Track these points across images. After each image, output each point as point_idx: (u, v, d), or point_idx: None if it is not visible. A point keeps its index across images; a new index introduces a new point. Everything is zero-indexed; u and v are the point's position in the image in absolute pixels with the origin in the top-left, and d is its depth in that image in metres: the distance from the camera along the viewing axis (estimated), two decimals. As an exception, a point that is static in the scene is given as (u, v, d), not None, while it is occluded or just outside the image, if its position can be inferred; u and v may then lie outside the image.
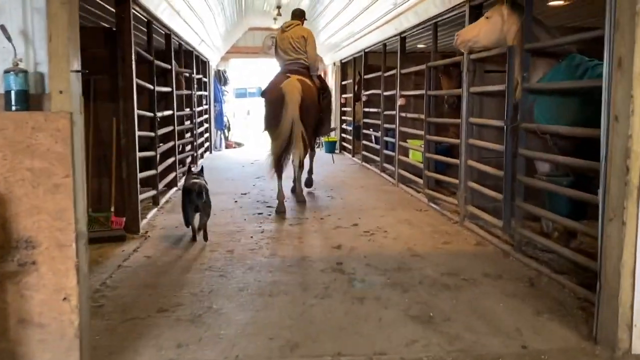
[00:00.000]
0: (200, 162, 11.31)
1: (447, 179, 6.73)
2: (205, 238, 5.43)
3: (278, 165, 6.77)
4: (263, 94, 7.28)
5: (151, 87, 6.55)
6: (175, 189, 8.12)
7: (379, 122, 9.93)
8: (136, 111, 5.57)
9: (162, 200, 7.21)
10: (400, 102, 8.51)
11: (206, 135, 13.03)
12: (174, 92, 8.01)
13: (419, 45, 11.55)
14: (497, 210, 5.39)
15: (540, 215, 4.77)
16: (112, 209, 5.54)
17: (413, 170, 8.16)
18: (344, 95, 13.72)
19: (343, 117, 13.84)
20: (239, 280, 4.31)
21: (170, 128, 7.97)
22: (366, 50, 10.99)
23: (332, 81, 14.86)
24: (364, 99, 11.13)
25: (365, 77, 11.00)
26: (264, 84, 7.56)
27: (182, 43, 9.31)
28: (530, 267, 4.59)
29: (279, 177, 6.84)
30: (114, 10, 5.49)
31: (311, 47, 7.44)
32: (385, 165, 9.62)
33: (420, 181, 7.54)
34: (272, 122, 6.90)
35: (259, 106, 7.47)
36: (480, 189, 5.67)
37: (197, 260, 4.84)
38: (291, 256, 4.97)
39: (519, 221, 4.90)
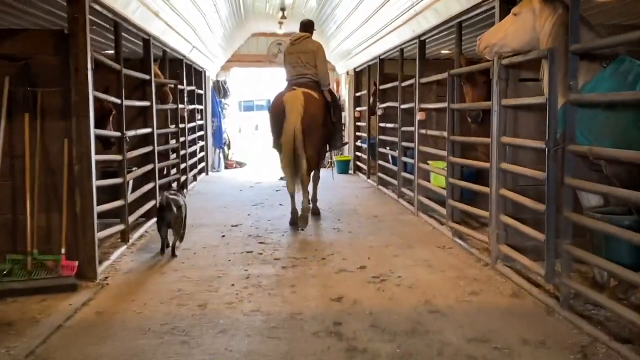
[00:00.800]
0: (191, 185, 10.73)
1: (475, 210, 6.02)
2: (173, 253, 5.82)
3: (292, 181, 7.00)
4: (269, 108, 7.53)
5: (118, 101, 5.97)
6: (154, 219, 7.50)
7: (396, 139, 9.27)
8: (92, 131, 4.97)
9: (134, 236, 6.58)
10: (419, 116, 7.84)
11: (201, 154, 12.46)
12: (154, 106, 7.44)
13: (442, 51, 10.94)
14: (538, 251, 4.70)
15: (593, 263, 4.04)
16: (63, 251, 4.92)
17: (435, 197, 7.46)
18: (358, 108, 13.08)
19: (357, 133, 13.19)
20: (204, 350, 3.64)
21: (149, 148, 7.39)
22: (381, 57, 10.39)
23: (345, 92, 14.31)
24: (379, 112, 10.50)
25: (381, 87, 10.37)
26: (272, 95, 7.66)
27: (167, 50, 8.77)
28: (582, 330, 3.86)
29: (292, 196, 7.27)
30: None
31: (321, 61, 7.52)
32: (404, 190, 8.93)
33: (444, 211, 6.84)
34: (276, 136, 7.14)
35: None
36: (516, 225, 4.97)
37: (159, 318, 4.18)
38: (278, 313, 4.29)
39: (565, 268, 4.18)
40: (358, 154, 13.25)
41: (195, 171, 11.44)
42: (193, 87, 11.29)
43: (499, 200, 5.27)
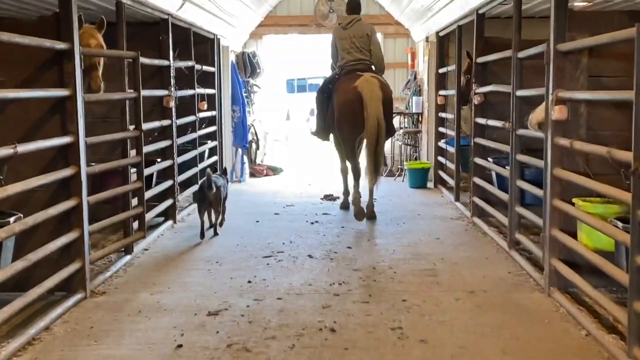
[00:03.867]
0: (181, 215, 8.14)
1: None
2: (215, 232, 7.09)
3: (356, 171, 8.20)
4: (321, 91, 8.50)
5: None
6: (78, 296, 4.92)
7: (505, 147, 6.47)
8: None
9: (22, 338, 4.00)
10: (556, 112, 4.94)
11: (212, 160, 9.89)
12: (78, 96, 4.86)
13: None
14: None
15: None
16: None
17: (590, 268, 4.55)
18: (441, 92, 10.29)
19: (440, 129, 10.35)
20: None
21: (68, 172, 4.83)
22: (480, 11, 7.58)
23: (424, 66, 11.46)
24: (476, 100, 7.72)
25: (479, 59, 7.61)
26: (323, 73, 9.15)
27: (126, 2, 6.17)
28: None
29: (356, 179, 8.14)
30: None
31: (375, 45, 8.31)
32: (519, 237, 6.01)
33: (610, 305, 3.92)
34: (347, 126, 7.90)
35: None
36: None
37: None
38: None
39: None
40: (441, 159, 10.39)
41: (194, 190, 8.75)
42: (192, 63, 8.72)
43: None
